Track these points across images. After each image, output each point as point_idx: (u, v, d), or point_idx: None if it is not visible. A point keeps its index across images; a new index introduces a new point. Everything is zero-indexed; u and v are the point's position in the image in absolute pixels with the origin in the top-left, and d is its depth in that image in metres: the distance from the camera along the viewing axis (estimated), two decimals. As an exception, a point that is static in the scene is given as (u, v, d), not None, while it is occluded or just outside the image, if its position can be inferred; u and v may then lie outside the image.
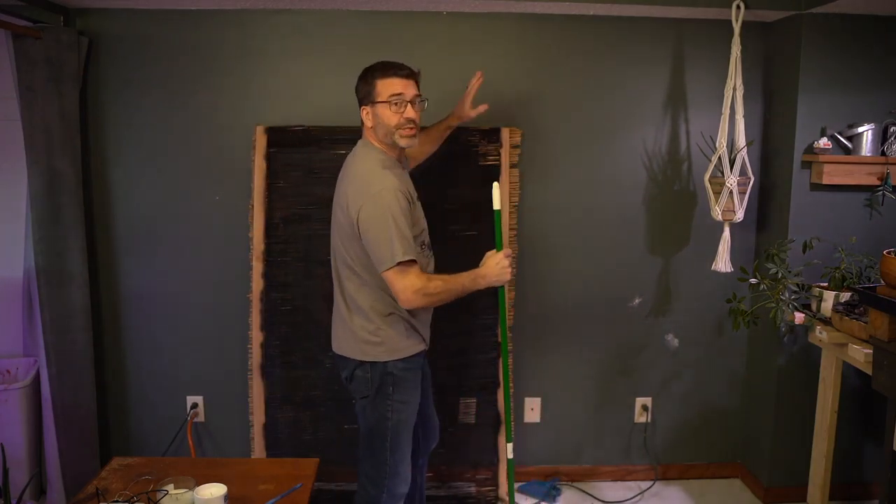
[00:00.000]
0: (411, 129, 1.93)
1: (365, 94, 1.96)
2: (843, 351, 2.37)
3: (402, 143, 1.95)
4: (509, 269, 2.03)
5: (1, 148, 2.66)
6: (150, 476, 1.72)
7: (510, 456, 2.30)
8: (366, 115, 1.97)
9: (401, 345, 2.02)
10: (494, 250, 2.05)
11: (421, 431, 2.27)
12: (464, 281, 1.97)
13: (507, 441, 2.29)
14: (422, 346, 2.10)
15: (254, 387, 2.67)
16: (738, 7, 2.52)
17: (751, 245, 2.93)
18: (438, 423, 2.37)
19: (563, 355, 2.94)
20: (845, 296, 2.48)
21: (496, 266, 2.00)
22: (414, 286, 1.88)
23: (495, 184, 2.04)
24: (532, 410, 2.97)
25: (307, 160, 2.66)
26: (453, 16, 2.71)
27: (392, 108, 1.91)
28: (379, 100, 1.92)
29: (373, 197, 1.88)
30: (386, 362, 2.01)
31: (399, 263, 1.86)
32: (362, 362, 2.02)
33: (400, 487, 2.07)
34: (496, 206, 2.04)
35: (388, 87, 1.92)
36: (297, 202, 2.67)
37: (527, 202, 2.80)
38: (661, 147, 2.84)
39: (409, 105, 1.92)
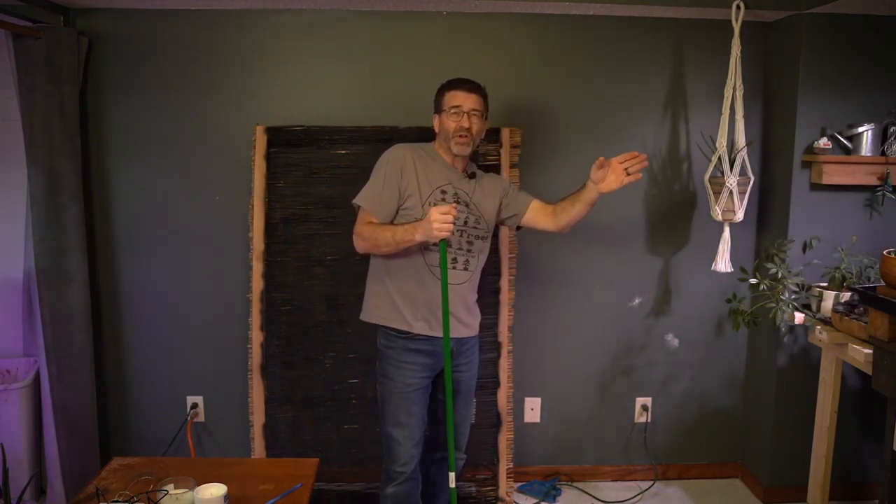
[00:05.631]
0: (463, 136, 2.11)
1: (436, 105, 2.19)
2: (843, 351, 2.37)
3: (455, 149, 2.13)
4: (438, 225, 1.90)
5: (1, 148, 2.66)
6: (150, 476, 1.72)
7: (452, 485, 2.13)
8: (435, 122, 2.19)
9: (377, 310, 2.16)
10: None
11: (443, 429, 2.23)
12: (396, 230, 2.02)
13: (450, 470, 2.12)
14: (401, 326, 2.11)
15: (254, 387, 2.67)
16: (738, 7, 2.52)
17: (751, 245, 2.93)
18: (464, 436, 2.34)
19: (563, 355, 2.95)
20: (845, 296, 2.48)
21: (427, 219, 1.94)
22: (356, 228, 2.11)
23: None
24: (532, 410, 2.97)
25: (307, 160, 2.66)
26: (453, 16, 2.71)
27: (452, 118, 2.12)
28: (443, 109, 2.14)
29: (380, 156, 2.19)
30: (378, 336, 2.18)
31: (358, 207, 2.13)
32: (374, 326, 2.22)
33: (394, 465, 2.13)
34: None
35: (450, 98, 2.13)
36: (297, 202, 2.67)
37: (527, 202, 2.80)
38: (661, 147, 2.84)
39: (465, 115, 2.11)
